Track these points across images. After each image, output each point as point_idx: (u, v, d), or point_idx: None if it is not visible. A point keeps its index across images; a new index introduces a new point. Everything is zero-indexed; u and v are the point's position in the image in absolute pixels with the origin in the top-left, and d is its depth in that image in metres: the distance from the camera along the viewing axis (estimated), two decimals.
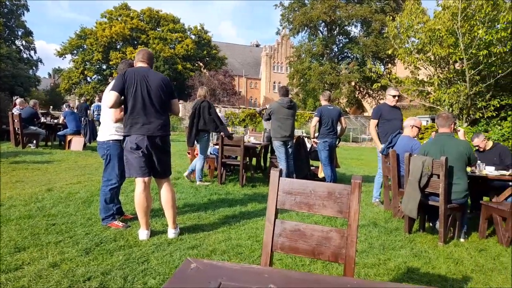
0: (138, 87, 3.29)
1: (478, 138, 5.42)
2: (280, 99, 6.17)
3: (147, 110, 3.31)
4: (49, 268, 2.65)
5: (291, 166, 6.19)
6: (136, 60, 3.54)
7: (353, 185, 1.56)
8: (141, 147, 3.30)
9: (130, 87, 3.29)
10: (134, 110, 3.30)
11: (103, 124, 3.80)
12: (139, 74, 3.36)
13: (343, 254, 1.56)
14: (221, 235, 3.65)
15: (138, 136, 3.30)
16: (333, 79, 34.81)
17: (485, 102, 15.94)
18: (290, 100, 6.15)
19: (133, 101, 3.30)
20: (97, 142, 3.89)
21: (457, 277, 2.97)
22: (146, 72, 3.40)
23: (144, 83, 3.31)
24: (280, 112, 6.01)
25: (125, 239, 3.34)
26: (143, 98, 3.29)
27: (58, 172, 6.62)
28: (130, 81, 3.30)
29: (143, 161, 3.34)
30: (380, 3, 35.25)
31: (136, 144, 3.30)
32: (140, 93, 3.29)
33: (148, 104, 3.31)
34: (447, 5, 14.98)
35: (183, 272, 1.12)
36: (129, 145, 3.33)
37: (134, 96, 3.29)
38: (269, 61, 61.64)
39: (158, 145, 3.38)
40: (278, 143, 6.04)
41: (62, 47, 41.84)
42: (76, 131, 10.15)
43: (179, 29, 43.90)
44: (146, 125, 3.30)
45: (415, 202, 3.90)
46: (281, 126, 6.00)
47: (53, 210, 4.14)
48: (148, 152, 3.33)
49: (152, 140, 3.33)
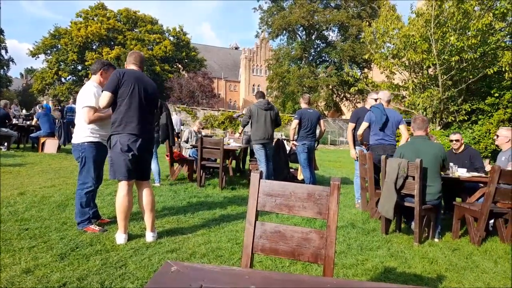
0: (136, 88, 3.27)
1: (455, 135, 5.58)
2: (258, 101, 6.21)
3: (142, 111, 3.31)
4: (22, 274, 2.56)
5: (270, 169, 6.21)
6: (128, 62, 3.50)
7: (332, 187, 1.59)
8: (132, 149, 3.25)
9: (127, 87, 3.24)
10: (130, 109, 3.25)
11: (78, 126, 3.69)
12: (136, 75, 3.34)
13: (322, 255, 1.58)
14: (200, 238, 3.62)
15: (131, 136, 3.24)
16: (312, 83, 35.23)
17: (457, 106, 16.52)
18: (267, 102, 6.19)
19: (129, 101, 3.24)
20: (72, 145, 3.78)
21: (432, 276, 3.06)
22: (141, 75, 3.44)
23: (141, 85, 3.31)
24: (258, 114, 6.04)
25: (102, 244, 3.27)
26: (140, 99, 3.28)
27: (31, 175, 6.41)
28: (128, 81, 3.25)
29: (131, 164, 3.28)
30: (357, 9, 35.96)
31: (128, 146, 3.23)
32: (138, 93, 3.27)
33: (144, 105, 3.32)
34: (420, 12, 15.46)
35: (163, 275, 1.11)
36: (119, 146, 3.23)
37: (131, 95, 3.25)
38: (249, 64, 61.77)
39: (148, 146, 3.41)
40: (258, 146, 6.06)
41: (35, 47, 40.58)
42: (50, 133, 9.86)
43: (157, 30, 43.39)
44: (140, 126, 3.28)
45: (391, 203, 3.99)
46: (259, 129, 6.02)
47: (26, 214, 4.00)
48: (138, 153, 3.29)
49: (145, 141, 3.33)
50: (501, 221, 4.09)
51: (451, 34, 14.30)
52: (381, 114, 5.07)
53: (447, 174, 4.57)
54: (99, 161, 3.71)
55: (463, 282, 2.97)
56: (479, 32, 13.76)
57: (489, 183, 3.86)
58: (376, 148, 5.10)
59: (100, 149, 3.67)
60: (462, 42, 14.02)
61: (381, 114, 5.08)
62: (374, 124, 5.14)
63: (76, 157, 3.70)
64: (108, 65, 3.84)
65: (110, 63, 3.92)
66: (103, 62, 3.83)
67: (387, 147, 5.04)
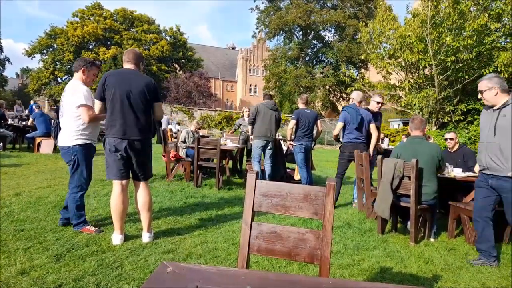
0: (117, 90, 3.25)
1: (449, 134, 5.71)
2: (265, 101, 6.47)
3: (125, 113, 3.27)
4: (17, 275, 2.55)
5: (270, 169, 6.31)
6: (124, 60, 3.48)
7: (328, 187, 1.59)
8: (120, 149, 3.26)
9: (109, 90, 3.27)
10: (113, 112, 3.27)
11: (66, 129, 3.61)
12: (120, 76, 3.32)
13: (318, 255, 1.58)
14: (197, 238, 3.62)
15: (116, 139, 3.26)
16: (308, 83, 35.29)
17: (453, 106, 16.59)
18: (274, 103, 6.49)
19: (111, 104, 3.27)
20: (60, 147, 3.66)
21: (428, 276, 3.07)
22: (130, 74, 3.36)
23: (124, 86, 3.26)
24: (265, 113, 6.26)
25: (98, 244, 3.26)
26: (121, 101, 3.25)
27: (26, 175, 6.38)
28: (109, 85, 3.27)
29: (121, 164, 3.30)
30: (354, 9, 36.06)
31: (115, 147, 3.26)
32: (119, 95, 3.24)
33: (126, 107, 3.26)
34: (416, 13, 15.51)
35: (159, 275, 1.11)
36: (107, 147, 3.30)
37: (112, 98, 3.26)
38: (245, 64, 61.70)
39: (137, 148, 3.33)
40: (257, 142, 6.23)
41: (31, 47, 40.36)
42: (46, 133, 9.81)
43: (154, 30, 43.28)
44: (123, 128, 3.26)
45: (387, 203, 4.01)
46: (263, 126, 6.22)
47: (22, 215, 3.98)
48: (127, 154, 3.29)
49: (131, 143, 3.29)
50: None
51: (447, 34, 14.36)
52: (356, 114, 5.34)
53: (443, 174, 4.59)
54: (90, 163, 3.70)
55: (459, 281, 2.99)
56: (474, 32, 13.83)
57: None
58: (350, 145, 5.44)
59: (90, 150, 3.67)
60: (458, 43, 14.09)
61: (356, 114, 5.35)
62: (349, 124, 5.41)
63: (68, 160, 3.63)
64: (91, 63, 3.74)
65: (94, 61, 3.82)
66: (85, 60, 3.73)
67: (359, 145, 5.37)
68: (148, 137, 3.42)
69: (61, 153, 3.68)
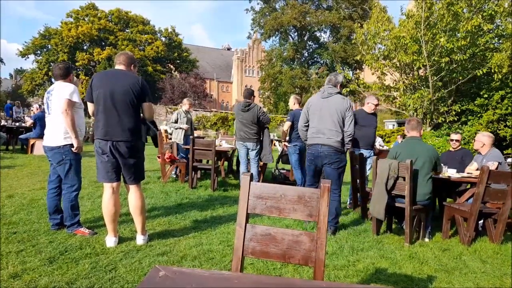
0: (101, 91, 3.21)
1: (456, 135, 5.77)
2: (240, 102, 6.34)
3: (108, 114, 3.20)
4: (9, 279, 2.52)
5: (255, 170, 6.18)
6: (115, 62, 3.45)
7: (323, 189, 1.58)
8: (106, 151, 3.22)
9: (95, 92, 3.26)
10: (98, 114, 3.25)
11: (54, 128, 3.55)
12: (106, 77, 3.30)
13: (313, 257, 1.57)
14: (192, 240, 3.60)
15: (100, 140, 3.24)
16: (304, 83, 35.34)
17: (447, 107, 16.70)
18: (247, 103, 6.02)
19: (96, 105, 3.26)
20: (48, 147, 3.56)
21: (422, 277, 3.08)
22: (116, 74, 3.30)
23: (108, 87, 3.20)
24: (237, 115, 6.16)
25: (92, 247, 3.23)
26: (104, 102, 3.20)
27: (19, 177, 6.32)
28: (95, 86, 3.26)
29: (109, 166, 3.26)
30: (348, 10, 36.16)
31: (101, 149, 3.24)
32: (102, 96, 3.20)
33: (109, 108, 3.19)
34: (411, 14, 15.60)
35: (151, 280, 1.10)
36: (95, 149, 3.30)
37: (97, 99, 3.24)
38: (241, 65, 61.71)
39: (123, 150, 3.23)
40: (238, 145, 6.22)
41: (25, 47, 40.10)
42: (41, 135, 9.69)
43: (149, 31, 43.16)
44: (105, 129, 3.21)
45: (382, 204, 4.01)
46: (237, 129, 6.16)
47: (14, 217, 3.94)
48: (113, 156, 3.24)
49: (115, 145, 3.21)
50: (490, 221, 4.14)
51: (441, 35, 14.47)
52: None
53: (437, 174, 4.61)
54: (80, 162, 3.68)
55: (453, 282, 3.00)
56: (468, 33, 13.94)
57: (478, 183, 3.90)
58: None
59: None
60: (451, 44, 14.19)
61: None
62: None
63: (58, 161, 3.54)
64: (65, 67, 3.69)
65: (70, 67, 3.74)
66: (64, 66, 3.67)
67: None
68: (134, 138, 3.28)
69: (51, 153, 3.56)
